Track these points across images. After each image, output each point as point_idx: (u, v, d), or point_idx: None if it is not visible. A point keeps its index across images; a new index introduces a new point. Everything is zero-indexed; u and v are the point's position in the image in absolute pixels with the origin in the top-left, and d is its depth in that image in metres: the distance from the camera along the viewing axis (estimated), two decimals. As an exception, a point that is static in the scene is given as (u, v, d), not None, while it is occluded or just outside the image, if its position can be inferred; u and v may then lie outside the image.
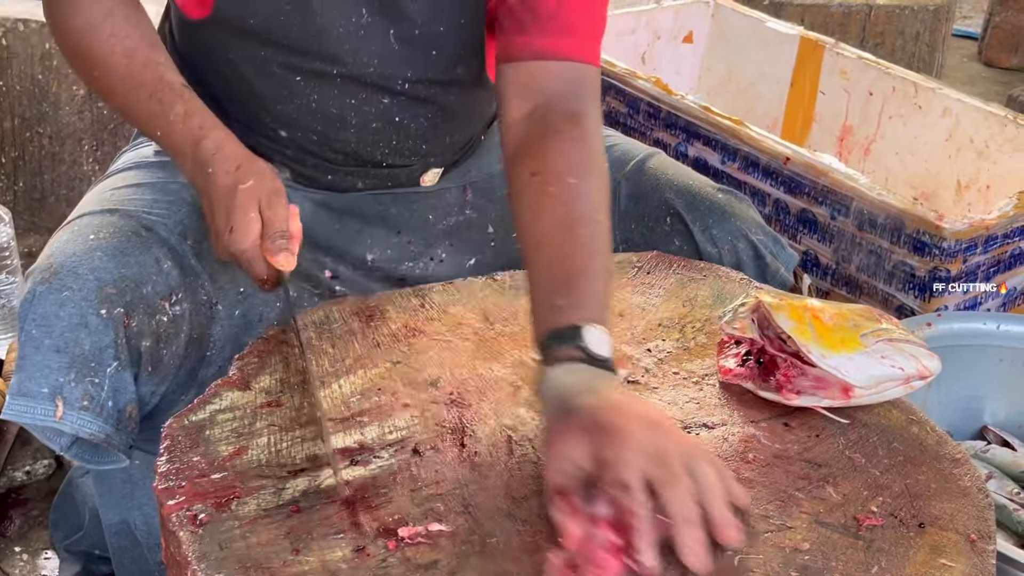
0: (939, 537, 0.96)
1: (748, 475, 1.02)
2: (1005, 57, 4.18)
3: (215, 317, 1.25)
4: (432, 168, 1.40)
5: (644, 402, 1.06)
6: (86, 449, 1.16)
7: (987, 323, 1.72)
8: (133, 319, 1.14)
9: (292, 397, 1.09)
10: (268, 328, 1.19)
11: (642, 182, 1.42)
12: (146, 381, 1.17)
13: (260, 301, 1.29)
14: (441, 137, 1.38)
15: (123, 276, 1.15)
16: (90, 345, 1.11)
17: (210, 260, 1.25)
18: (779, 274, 1.38)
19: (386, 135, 1.33)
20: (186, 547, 0.91)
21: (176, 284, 1.20)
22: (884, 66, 2.39)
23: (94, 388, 1.11)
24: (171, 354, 1.19)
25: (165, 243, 1.22)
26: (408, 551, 0.92)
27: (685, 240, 1.38)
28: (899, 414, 1.12)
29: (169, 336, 1.19)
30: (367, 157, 1.34)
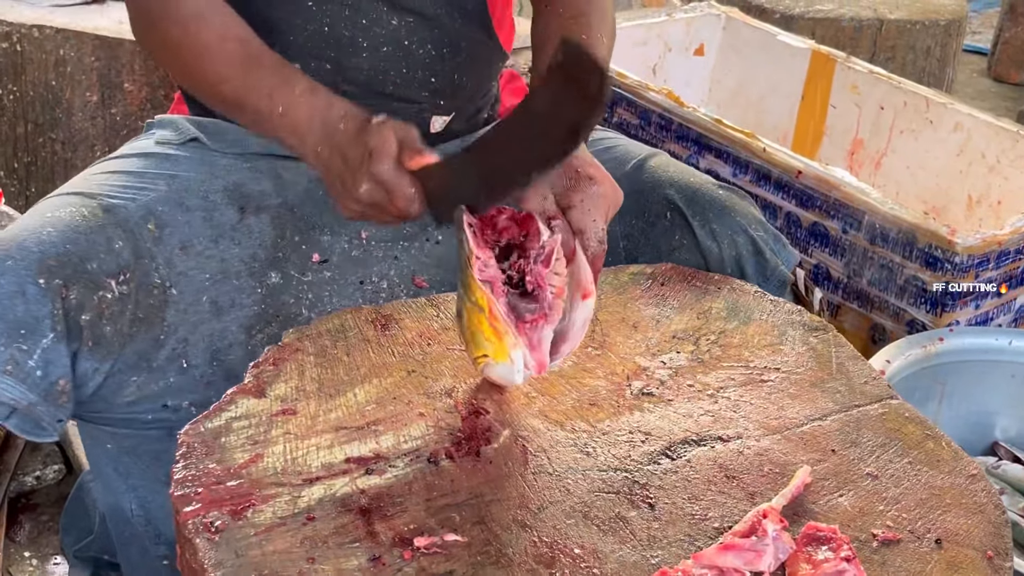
0: (956, 553, 0.96)
1: (763, 488, 1.02)
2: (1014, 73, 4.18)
3: (168, 301, 1.27)
4: (441, 113, 1.42)
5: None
6: (26, 421, 1.17)
7: (999, 339, 1.72)
8: (72, 291, 1.17)
9: (307, 405, 1.09)
10: (285, 335, 1.19)
11: (643, 179, 1.44)
12: (87, 356, 1.19)
13: (232, 287, 1.30)
14: (448, 73, 1.40)
15: (68, 251, 1.18)
16: (24, 313, 1.14)
17: (170, 246, 1.27)
18: (779, 270, 1.39)
19: (396, 60, 1.36)
20: (202, 554, 0.91)
21: (126, 264, 1.23)
22: (895, 80, 2.39)
23: (20, 355, 1.13)
24: (115, 331, 1.21)
25: (122, 225, 1.25)
26: (423, 561, 0.92)
27: (685, 235, 1.39)
28: (915, 428, 1.12)
29: (113, 313, 1.21)
30: (378, 87, 1.37)
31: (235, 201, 1.34)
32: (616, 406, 1.13)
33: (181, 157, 1.36)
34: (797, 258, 1.43)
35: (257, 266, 1.32)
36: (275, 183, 1.36)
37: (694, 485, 1.02)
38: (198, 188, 1.33)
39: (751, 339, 1.24)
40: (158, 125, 1.43)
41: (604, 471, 1.04)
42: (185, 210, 1.31)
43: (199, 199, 1.32)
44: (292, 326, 1.24)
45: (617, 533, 0.96)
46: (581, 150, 1.15)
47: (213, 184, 1.34)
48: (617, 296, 1.31)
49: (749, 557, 0.91)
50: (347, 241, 1.37)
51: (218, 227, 1.32)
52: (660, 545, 0.95)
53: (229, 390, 1.10)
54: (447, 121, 1.44)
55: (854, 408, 1.14)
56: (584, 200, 1.11)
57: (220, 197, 1.33)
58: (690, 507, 1.00)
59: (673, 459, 1.06)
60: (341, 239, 1.36)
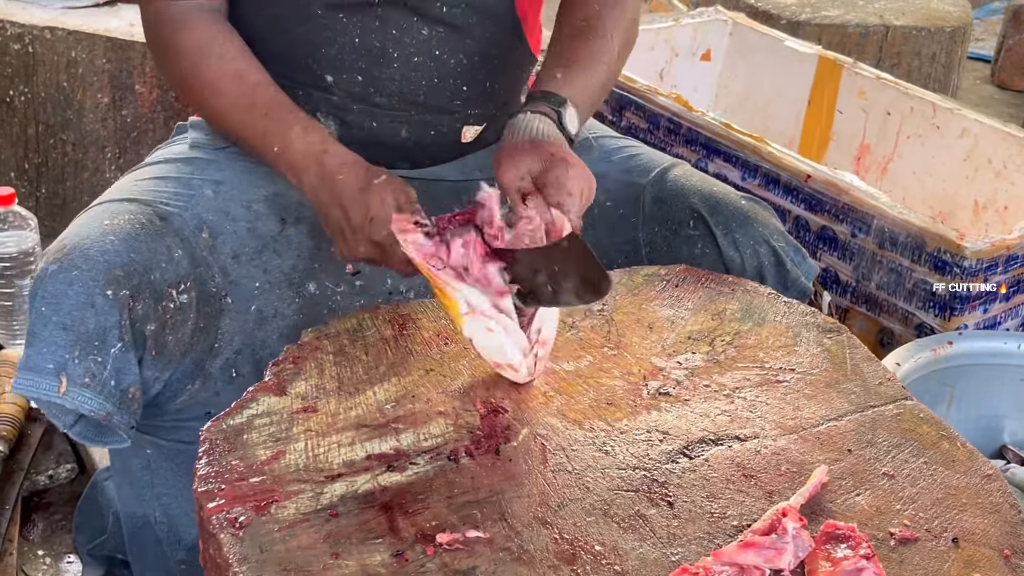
0: (973, 552, 0.97)
1: (780, 487, 1.03)
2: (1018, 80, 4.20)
3: (224, 309, 1.27)
4: (473, 123, 1.43)
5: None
6: (89, 428, 1.19)
7: (1008, 342, 1.73)
8: (139, 302, 1.17)
9: (327, 403, 1.10)
10: (304, 334, 1.20)
11: (666, 188, 1.45)
12: (150, 365, 1.20)
13: (276, 297, 1.31)
14: (480, 81, 1.41)
15: (132, 260, 1.18)
16: (95, 324, 1.14)
17: (223, 254, 1.28)
18: (799, 282, 1.40)
19: (427, 70, 1.36)
20: (227, 549, 0.92)
21: (185, 273, 1.23)
22: (902, 86, 2.40)
23: (96, 366, 1.14)
24: (176, 341, 1.22)
25: (179, 233, 1.25)
26: (446, 557, 0.93)
27: (708, 244, 1.39)
28: (930, 429, 1.13)
29: (175, 323, 1.22)
30: (410, 97, 1.37)
31: (276, 211, 1.34)
32: (633, 405, 1.14)
33: (222, 162, 1.36)
34: (816, 270, 1.44)
35: (296, 277, 1.33)
36: None
37: (712, 484, 1.03)
38: (241, 197, 1.33)
39: (766, 340, 1.25)
40: (191, 127, 1.43)
41: (623, 469, 1.04)
42: (232, 219, 1.32)
43: (243, 208, 1.33)
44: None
45: (637, 531, 0.97)
46: (560, 142, 1.21)
47: (255, 193, 1.34)
48: (632, 297, 1.32)
49: (769, 555, 0.92)
50: None
51: (261, 237, 1.32)
52: (680, 543, 0.96)
53: (250, 388, 1.11)
54: (479, 131, 1.44)
55: (869, 408, 1.15)
56: (559, 177, 1.16)
57: (262, 207, 1.34)
58: (709, 505, 1.01)
59: (691, 458, 1.06)
60: None
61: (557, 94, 1.28)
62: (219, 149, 1.38)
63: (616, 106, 2.32)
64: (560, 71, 1.31)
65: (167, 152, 1.41)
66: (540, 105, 1.26)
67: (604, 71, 1.36)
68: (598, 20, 1.37)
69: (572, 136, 1.27)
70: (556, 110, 1.26)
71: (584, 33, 1.36)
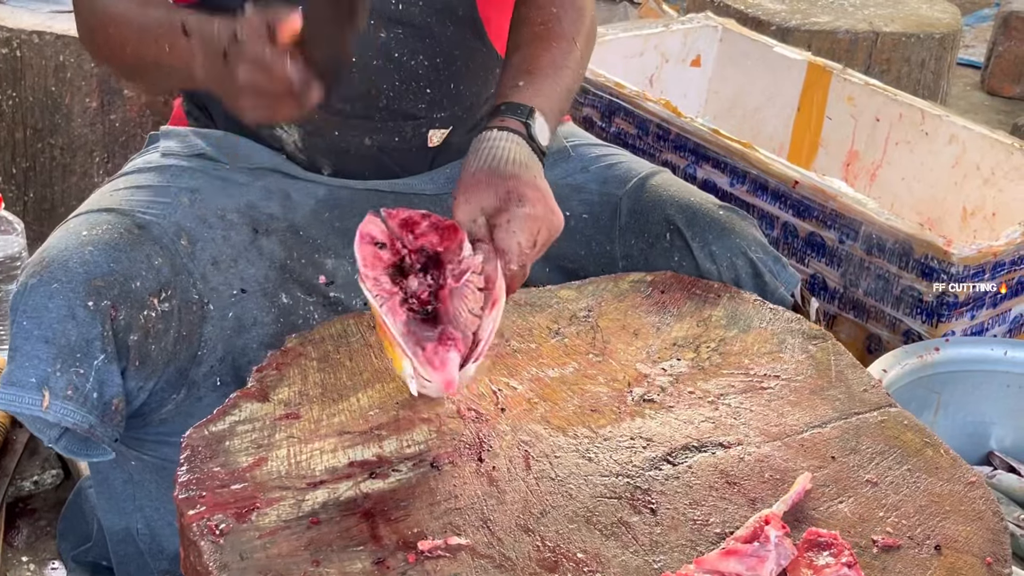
0: (955, 559, 0.97)
1: (763, 494, 1.03)
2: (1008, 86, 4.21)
3: (206, 317, 1.27)
4: (439, 126, 1.41)
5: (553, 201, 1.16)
6: (74, 441, 1.18)
7: (995, 349, 1.73)
8: (120, 312, 1.17)
9: (311, 409, 1.10)
10: (288, 340, 1.19)
11: (643, 198, 1.44)
12: (133, 376, 1.19)
13: (254, 305, 1.30)
14: (443, 83, 1.39)
15: (112, 270, 1.18)
16: (77, 336, 1.14)
17: (203, 261, 1.27)
18: (778, 293, 1.39)
19: (388, 73, 1.35)
20: (207, 557, 0.91)
21: (166, 281, 1.23)
22: (891, 92, 2.40)
23: (79, 379, 1.14)
24: (159, 350, 1.21)
25: (158, 241, 1.25)
26: (428, 564, 0.92)
27: (684, 256, 1.39)
28: (913, 436, 1.13)
29: (158, 332, 1.21)
30: (373, 101, 1.36)
31: (248, 222, 1.34)
32: (617, 412, 1.13)
33: (196, 171, 1.36)
34: (798, 280, 1.43)
35: (270, 286, 1.32)
36: (283, 204, 1.37)
37: (695, 491, 1.03)
38: (215, 206, 1.33)
39: (751, 347, 1.25)
40: (163, 136, 1.43)
41: (606, 476, 1.04)
42: (209, 227, 1.32)
43: (217, 217, 1.33)
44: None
45: (619, 538, 0.97)
46: (524, 171, 1.13)
47: (229, 203, 1.34)
48: (618, 303, 1.32)
49: (751, 562, 0.92)
50: (351, 264, 1.37)
51: (235, 246, 1.32)
52: (662, 550, 0.96)
53: (232, 394, 1.11)
54: (445, 134, 1.43)
55: (853, 415, 1.15)
56: (511, 221, 1.10)
57: (235, 217, 1.34)
58: (692, 512, 1.00)
59: (674, 465, 1.06)
60: (345, 262, 1.37)
61: (523, 104, 1.21)
62: (192, 156, 1.38)
63: (605, 112, 2.32)
64: (523, 79, 1.24)
65: (141, 162, 1.40)
66: (506, 119, 1.20)
67: (570, 76, 1.30)
68: (557, 23, 1.32)
69: (543, 148, 1.21)
70: (524, 122, 1.19)
71: (543, 38, 1.30)
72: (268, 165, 1.38)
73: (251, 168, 1.38)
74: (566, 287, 1.35)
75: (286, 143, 1.39)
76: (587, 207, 1.46)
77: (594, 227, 1.45)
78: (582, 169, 1.49)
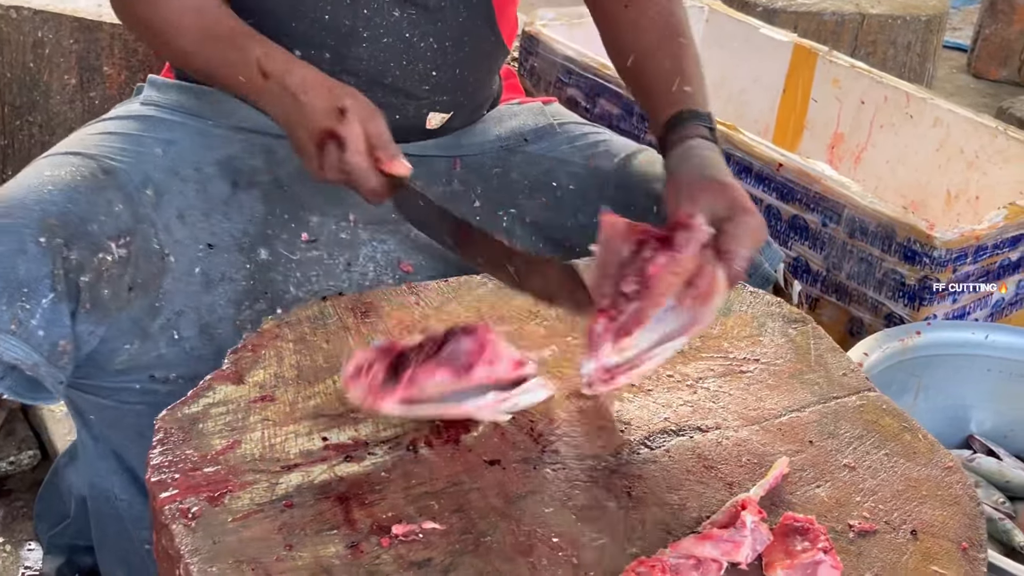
0: (931, 544, 0.97)
1: (741, 479, 1.03)
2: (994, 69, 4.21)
3: (166, 268, 1.26)
4: (439, 110, 1.41)
5: None
6: (20, 382, 1.16)
7: (976, 333, 1.73)
8: (73, 252, 1.16)
9: (286, 392, 1.09)
10: (264, 321, 1.18)
11: (630, 174, 1.45)
12: (84, 318, 1.18)
13: (223, 261, 1.29)
14: (449, 67, 1.39)
15: (68, 211, 1.17)
16: (25, 272, 1.13)
17: (168, 213, 1.27)
18: (762, 268, 1.39)
19: (396, 52, 1.35)
20: (179, 540, 0.90)
21: (126, 228, 1.22)
22: (876, 75, 2.40)
23: (24, 313, 1.12)
24: (112, 295, 1.20)
25: (122, 188, 1.24)
26: (402, 548, 0.92)
27: None
28: (891, 420, 1.12)
29: (112, 276, 1.20)
30: (378, 77, 1.35)
31: (228, 175, 1.33)
32: (596, 396, 1.13)
33: (176, 123, 1.35)
34: (782, 257, 1.43)
35: (247, 242, 1.31)
36: (267, 159, 1.36)
37: (672, 475, 1.03)
38: (192, 158, 1.32)
39: (731, 330, 1.24)
40: (148, 86, 1.42)
41: (583, 460, 1.04)
42: (181, 179, 1.31)
43: (192, 170, 1.31)
44: (280, 304, 1.24)
45: (595, 522, 0.96)
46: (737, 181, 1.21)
47: (207, 156, 1.33)
48: (598, 286, 1.31)
49: (727, 548, 0.91)
50: (335, 223, 1.36)
51: (210, 200, 1.31)
52: (638, 534, 0.96)
53: (207, 376, 1.10)
54: (445, 119, 1.42)
55: (832, 400, 1.15)
56: (739, 227, 1.14)
57: (213, 170, 1.32)
58: (668, 497, 1.00)
59: (652, 449, 1.06)
60: (329, 220, 1.36)
61: (703, 111, 1.29)
62: (173, 109, 1.37)
63: (590, 93, 2.31)
64: (687, 83, 1.31)
65: (122, 110, 1.40)
66: (698, 128, 1.27)
67: (701, 69, 1.37)
68: (675, 19, 1.39)
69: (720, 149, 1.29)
70: (710, 128, 1.28)
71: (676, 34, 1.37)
72: (252, 125, 1.37)
73: (235, 125, 1.37)
74: (546, 269, 1.34)
75: None
76: (574, 179, 1.46)
77: (581, 199, 1.45)
78: (569, 143, 1.49)
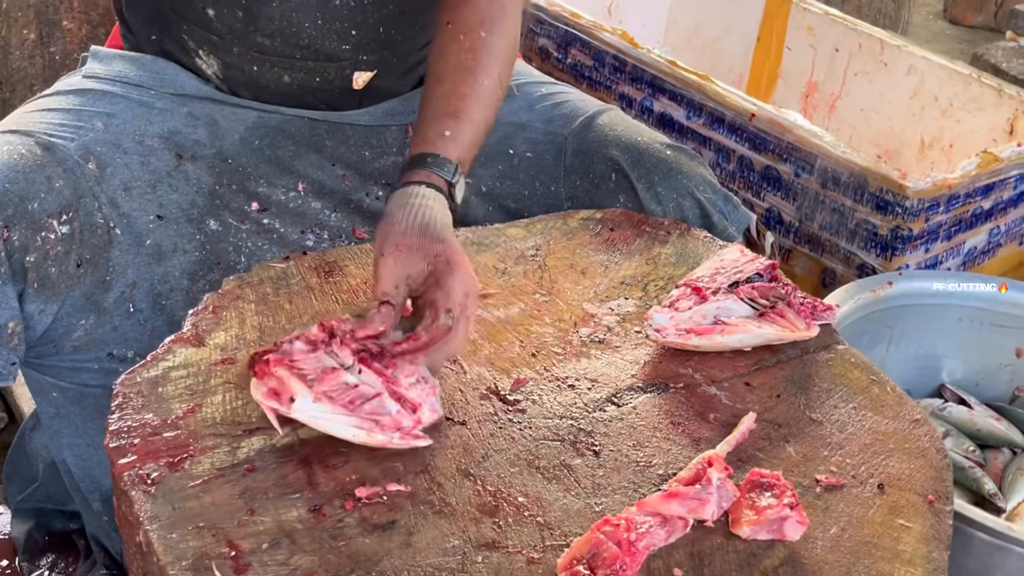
0: (897, 498, 0.97)
1: (708, 435, 1.02)
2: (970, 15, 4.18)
3: (113, 241, 1.24)
4: (364, 68, 1.36)
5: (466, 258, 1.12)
6: None
7: (947, 282, 1.73)
8: (15, 233, 1.14)
9: (248, 354, 1.07)
10: (225, 282, 1.16)
11: (589, 138, 1.41)
12: (33, 298, 1.16)
13: (174, 232, 1.27)
14: (371, 25, 1.33)
15: (7, 191, 1.15)
16: None
17: (113, 186, 1.25)
18: (727, 233, 1.36)
19: (310, 10, 1.30)
20: (138, 507, 0.89)
21: (67, 203, 1.20)
22: (850, 22, 2.37)
23: None
24: (60, 273, 1.18)
25: (61, 163, 1.21)
26: (365, 511, 0.91)
27: (630, 197, 1.36)
28: (860, 374, 1.12)
29: (58, 255, 1.18)
30: (293, 38, 1.31)
31: (171, 148, 1.30)
32: (563, 353, 1.12)
33: (117, 96, 1.31)
34: (750, 219, 1.41)
35: (196, 212, 1.29)
36: (210, 131, 1.32)
37: (639, 432, 1.02)
38: (133, 132, 1.29)
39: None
40: (91, 57, 1.38)
41: (549, 419, 1.03)
42: (123, 152, 1.27)
43: (134, 143, 1.28)
44: (233, 274, 1.21)
45: (561, 481, 0.96)
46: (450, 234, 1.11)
47: (149, 129, 1.30)
48: (566, 241, 1.29)
49: (693, 505, 0.91)
50: (283, 192, 1.33)
51: (155, 172, 1.28)
52: (604, 493, 0.95)
53: (167, 339, 1.08)
54: (369, 77, 1.37)
55: (800, 354, 1.14)
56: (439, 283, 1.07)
57: (156, 143, 1.29)
58: (635, 454, 0.99)
59: (619, 406, 1.05)
60: (278, 190, 1.33)
61: (449, 160, 1.17)
62: (114, 81, 1.33)
63: (561, 43, 2.27)
64: (449, 126, 1.19)
65: (63, 83, 1.36)
66: (432, 174, 1.15)
67: (492, 115, 1.26)
68: (484, 52, 1.25)
69: (457, 206, 1.18)
70: (449, 181, 1.16)
71: (470, 71, 1.24)
72: (194, 93, 1.34)
73: (176, 95, 1.33)
74: (514, 225, 1.32)
75: (208, 75, 1.34)
76: (531, 146, 1.42)
77: (538, 167, 1.42)
78: (527, 108, 1.45)
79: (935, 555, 0.92)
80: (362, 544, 0.88)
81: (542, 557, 0.88)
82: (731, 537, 0.91)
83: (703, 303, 1.13)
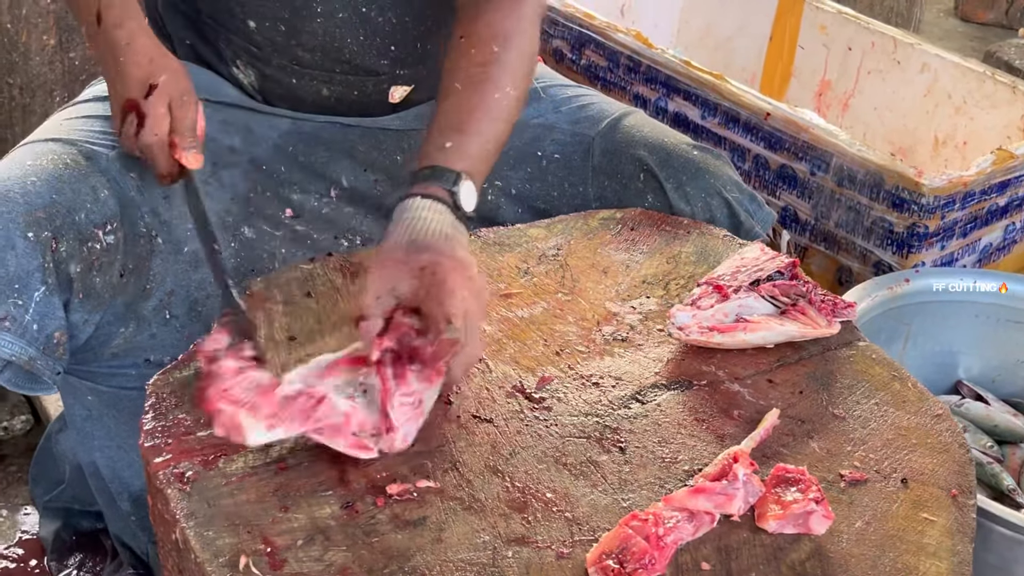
0: (921, 492, 0.98)
1: (732, 431, 1.03)
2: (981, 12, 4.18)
3: (155, 250, 1.25)
4: (401, 83, 1.38)
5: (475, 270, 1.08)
6: (19, 375, 1.16)
7: (963, 279, 1.74)
8: (62, 244, 1.15)
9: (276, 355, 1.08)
10: (253, 283, 1.18)
11: (616, 139, 1.42)
12: (77, 308, 1.18)
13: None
14: (410, 41, 1.35)
15: (55, 201, 1.16)
16: (15, 267, 1.12)
17: (154, 195, 1.26)
18: (753, 232, 1.38)
19: (353, 27, 1.31)
20: (174, 505, 0.91)
21: (112, 214, 1.21)
22: (863, 21, 2.38)
23: (17, 309, 1.12)
24: (104, 282, 1.20)
25: (105, 173, 1.23)
26: (396, 507, 0.92)
27: (658, 197, 1.38)
28: (881, 370, 1.13)
29: (103, 264, 1.19)
30: (334, 53, 1.32)
31: (207, 155, 1.31)
32: (587, 351, 1.13)
33: None
34: (774, 217, 1.43)
35: (231, 220, 1.30)
36: (244, 138, 1.34)
37: (664, 429, 1.03)
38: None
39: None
40: None
41: (575, 416, 1.04)
42: None
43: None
44: (267, 281, 1.23)
45: (588, 477, 0.97)
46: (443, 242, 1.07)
47: None
48: (587, 241, 1.31)
49: (720, 500, 0.92)
50: (316, 199, 1.35)
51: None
52: (631, 488, 0.96)
53: (198, 340, 1.09)
54: (407, 92, 1.39)
55: (822, 351, 1.15)
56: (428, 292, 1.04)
57: None
58: (660, 450, 1.01)
59: (643, 403, 1.06)
60: (311, 197, 1.34)
61: (449, 169, 1.13)
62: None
63: (575, 44, 2.28)
64: (451, 138, 1.15)
65: (96, 90, 1.37)
66: (430, 186, 1.11)
67: (503, 129, 1.22)
68: (496, 66, 1.22)
69: (469, 214, 1.14)
70: (450, 190, 1.11)
71: (480, 84, 1.21)
72: (229, 100, 1.35)
73: (210, 101, 1.35)
74: (535, 225, 1.34)
75: (243, 84, 1.36)
76: (559, 147, 1.44)
77: (566, 168, 1.44)
78: (554, 110, 1.47)
79: (959, 548, 0.93)
80: (394, 540, 0.89)
81: (571, 552, 0.90)
82: (757, 531, 0.92)
83: (725, 301, 1.15)
